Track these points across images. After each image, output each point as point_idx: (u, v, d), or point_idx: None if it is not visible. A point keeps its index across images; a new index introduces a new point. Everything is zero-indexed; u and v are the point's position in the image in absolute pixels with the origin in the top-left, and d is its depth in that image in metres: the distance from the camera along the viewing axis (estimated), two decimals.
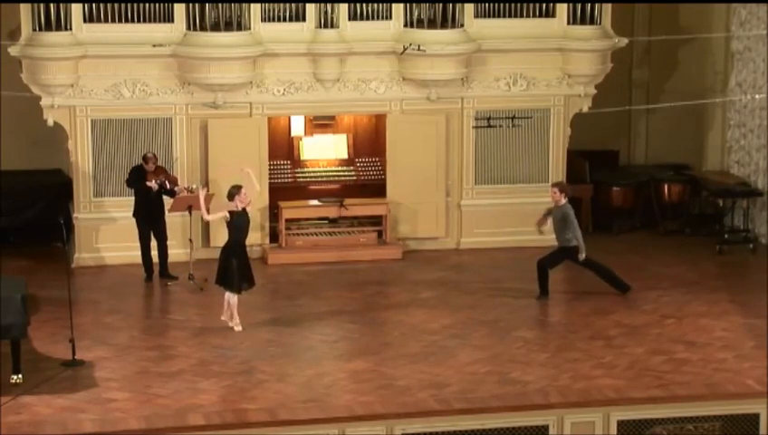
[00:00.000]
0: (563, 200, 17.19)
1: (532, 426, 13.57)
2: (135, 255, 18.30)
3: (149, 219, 17.97)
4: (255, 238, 19.01)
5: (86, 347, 14.94)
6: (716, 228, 20.56)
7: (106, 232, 18.77)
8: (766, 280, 17.49)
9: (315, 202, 19.53)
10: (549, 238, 19.61)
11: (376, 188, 19.68)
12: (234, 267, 15.82)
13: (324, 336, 15.77)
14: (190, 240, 17.98)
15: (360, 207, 19.42)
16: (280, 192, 19.37)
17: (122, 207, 18.66)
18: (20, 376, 13.90)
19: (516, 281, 17.98)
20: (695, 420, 13.87)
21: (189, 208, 17.92)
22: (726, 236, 20.18)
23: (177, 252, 18.24)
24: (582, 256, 17.09)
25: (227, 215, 15.86)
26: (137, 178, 17.95)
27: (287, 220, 19.14)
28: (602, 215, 20.92)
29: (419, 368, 14.58)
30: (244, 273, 15.95)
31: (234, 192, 15.91)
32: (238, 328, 15.82)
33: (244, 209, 15.92)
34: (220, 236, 18.79)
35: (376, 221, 19.52)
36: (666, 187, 20.98)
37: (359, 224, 19.53)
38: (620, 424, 13.73)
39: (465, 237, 19.81)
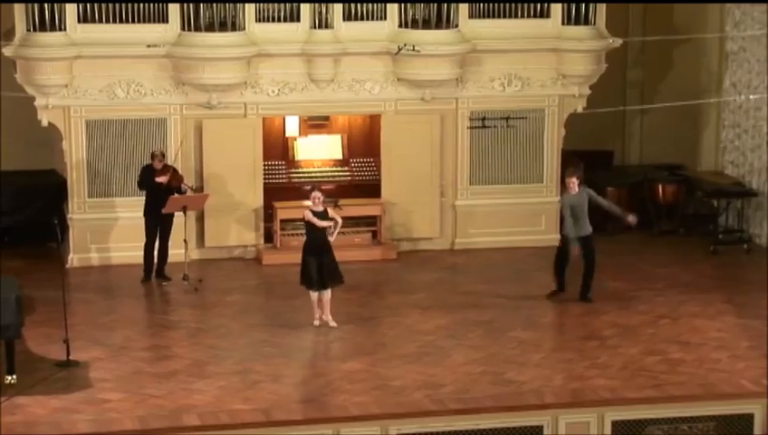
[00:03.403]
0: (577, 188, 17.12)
1: (526, 426, 13.58)
2: (130, 255, 18.29)
3: (158, 218, 17.91)
4: (250, 239, 19.02)
5: (80, 348, 14.93)
6: (711, 229, 20.56)
7: (100, 232, 18.74)
8: (766, 280, 17.48)
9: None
10: (543, 239, 19.69)
11: (370, 189, 19.67)
12: (310, 266, 15.87)
13: (319, 337, 15.77)
14: (185, 241, 17.95)
15: (354, 207, 19.40)
16: (274, 192, 19.35)
17: (118, 208, 18.68)
18: (14, 377, 13.89)
19: (511, 281, 17.99)
20: (689, 421, 13.89)
21: (184, 209, 17.90)
22: (721, 236, 20.18)
23: (171, 252, 18.19)
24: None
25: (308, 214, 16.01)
26: (147, 177, 17.92)
27: (282, 221, 19.12)
28: (597, 215, 20.87)
29: (414, 368, 14.58)
30: (327, 271, 15.97)
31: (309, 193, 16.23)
32: (333, 324, 15.94)
33: (324, 210, 16.04)
34: (214, 237, 18.88)
35: (370, 221, 19.51)
36: (660, 187, 20.97)
37: (353, 224, 19.51)
38: (615, 424, 13.73)
39: (459, 238, 19.81)
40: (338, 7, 18.79)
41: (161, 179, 17.79)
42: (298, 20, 18.80)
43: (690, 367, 14.68)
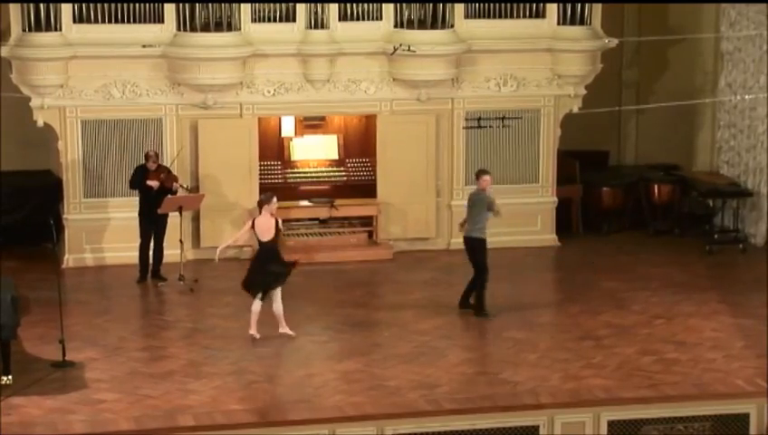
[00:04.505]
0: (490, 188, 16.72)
1: (522, 426, 13.58)
2: (125, 255, 18.29)
3: (152, 219, 17.91)
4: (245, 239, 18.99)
5: (76, 348, 14.91)
6: (706, 229, 20.57)
7: (96, 233, 18.74)
8: (766, 280, 17.47)
9: (306, 203, 19.52)
10: (539, 239, 19.74)
11: (366, 189, 19.67)
12: (258, 271, 15.46)
13: (314, 337, 15.76)
14: (180, 241, 17.95)
15: (350, 207, 19.42)
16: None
17: (113, 208, 18.68)
18: (10, 377, 13.88)
19: (506, 281, 17.98)
20: (685, 420, 13.89)
21: (180, 209, 17.90)
22: (716, 236, 20.19)
23: (167, 253, 18.18)
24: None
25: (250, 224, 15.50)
26: (139, 178, 17.92)
27: None
28: (592, 215, 20.94)
29: (410, 368, 14.58)
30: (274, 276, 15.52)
31: (263, 200, 15.56)
32: (291, 333, 15.53)
33: (276, 221, 15.46)
34: (210, 238, 18.86)
35: (366, 222, 19.52)
36: (655, 187, 20.99)
37: (349, 224, 19.53)
38: (611, 424, 13.74)
39: (455, 238, 19.75)
40: (333, 7, 18.79)
41: (152, 183, 17.77)
42: (293, 20, 18.80)
43: (685, 367, 14.69)
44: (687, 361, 14.89)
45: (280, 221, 15.64)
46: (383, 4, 18.95)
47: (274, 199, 15.62)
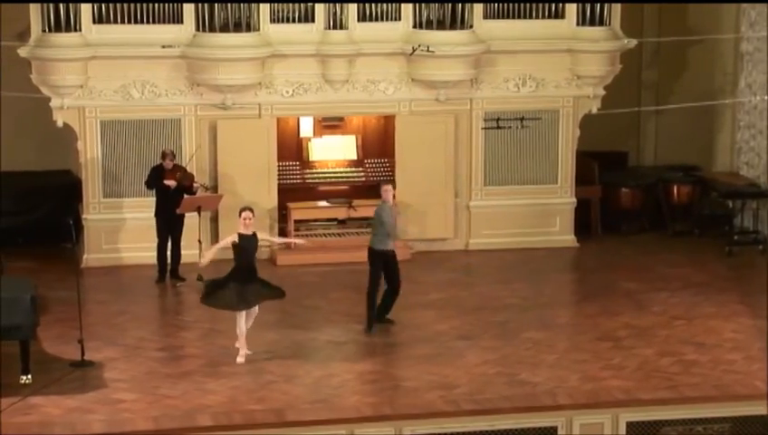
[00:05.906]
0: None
1: (540, 427, 13.57)
2: (144, 255, 18.32)
3: (169, 219, 17.94)
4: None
5: (95, 348, 14.96)
6: (726, 230, 20.50)
7: (115, 233, 18.78)
8: (766, 281, 17.41)
9: (324, 203, 19.53)
10: (558, 240, 19.71)
11: None
12: (231, 290, 14.97)
13: (332, 337, 15.77)
14: (199, 241, 17.98)
15: (368, 208, 19.34)
16: (288, 193, 19.37)
17: (132, 208, 18.71)
18: (29, 377, 13.93)
19: (525, 282, 17.97)
20: (704, 422, 13.86)
21: (198, 209, 17.93)
22: (736, 237, 20.12)
23: (185, 253, 18.20)
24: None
25: (235, 238, 15.04)
26: (155, 178, 17.96)
27: (296, 221, 19.14)
28: (611, 216, 20.89)
29: (427, 369, 14.57)
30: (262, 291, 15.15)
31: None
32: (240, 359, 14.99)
33: (254, 233, 15.09)
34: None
35: None
36: (675, 188, 20.94)
37: (367, 225, 19.49)
38: (629, 425, 13.72)
39: (473, 238, 19.79)
40: (352, 8, 18.80)
41: (170, 183, 17.81)
42: (312, 21, 18.81)
43: (705, 368, 14.65)
44: (707, 362, 14.84)
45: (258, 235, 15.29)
46: (402, 5, 18.96)
47: (244, 214, 15.15)
